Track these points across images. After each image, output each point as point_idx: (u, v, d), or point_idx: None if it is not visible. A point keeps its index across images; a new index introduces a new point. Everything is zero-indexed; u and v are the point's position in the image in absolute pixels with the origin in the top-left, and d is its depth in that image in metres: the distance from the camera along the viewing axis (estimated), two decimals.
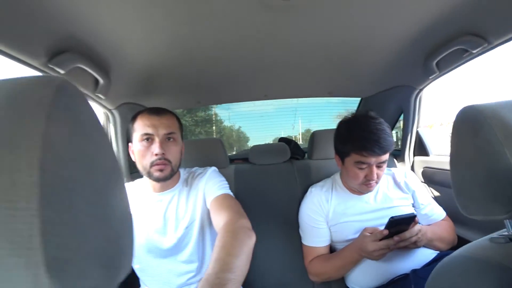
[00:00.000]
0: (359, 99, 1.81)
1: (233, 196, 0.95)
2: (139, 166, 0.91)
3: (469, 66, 1.03)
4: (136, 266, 0.97)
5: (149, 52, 0.93)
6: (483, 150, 0.44)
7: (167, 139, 0.90)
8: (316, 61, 1.12)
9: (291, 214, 1.25)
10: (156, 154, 0.86)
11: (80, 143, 0.25)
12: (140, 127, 0.88)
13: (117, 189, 0.28)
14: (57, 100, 0.23)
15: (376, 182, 1.01)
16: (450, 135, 0.53)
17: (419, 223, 1.05)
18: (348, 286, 1.08)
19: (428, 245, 0.97)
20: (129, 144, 0.95)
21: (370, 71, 1.26)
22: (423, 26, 0.87)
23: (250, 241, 0.71)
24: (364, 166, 0.97)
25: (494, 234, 0.48)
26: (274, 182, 1.37)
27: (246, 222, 0.78)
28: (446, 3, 0.75)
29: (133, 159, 0.93)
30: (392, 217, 0.84)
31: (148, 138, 0.88)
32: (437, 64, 1.04)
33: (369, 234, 0.91)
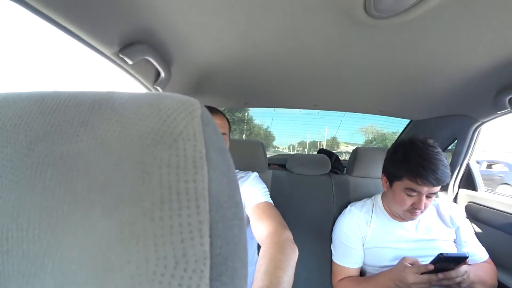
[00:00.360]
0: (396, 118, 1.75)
1: (273, 204, 0.95)
2: None
3: None
4: None
5: (213, 51, 0.95)
6: None
7: None
8: (376, 79, 1.10)
9: (324, 228, 1.24)
10: None
11: (234, 193, 0.21)
12: None
13: None
14: (208, 138, 0.19)
15: (422, 212, 0.98)
16: None
17: None
18: None
19: (470, 287, 0.93)
20: None
21: (430, 96, 1.21)
22: (501, 59, 0.83)
23: (295, 255, 0.71)
24: (414, 193, 0.94)
25: None
26: (310, 194, 1.37)
27: (289, 235, 0.78)
28: None
29: None
30: (441, 254, 0.81)
31: None
32: (510, 100, 0.98)
33: (409, 265, 0.89)
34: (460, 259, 0.83)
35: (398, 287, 0.92)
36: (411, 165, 0.93)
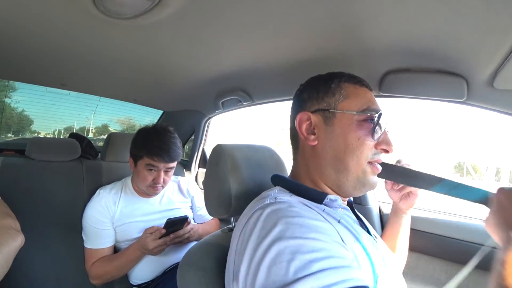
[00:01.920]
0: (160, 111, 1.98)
1: None
2: None
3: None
4: None
5: None
6: (220, 174, 0.67)
7: None
8: (127, 70, 1.18)
9: (74, 217, 1.18)
10: None
11: None
12: None
13: None
14: None
15: (162, 186, 1.17)
16: (208, 160, 0.74)
17: (195, 222, 1.32)
18: (131, 282, 1.16)
19: (199, 239, 1.23)
20: None
21: (176, 92, 1.45)
22: (215, 76, 1.15)
23: (12, 241, 0.68)
24: (153, 169, 1.11)
25: (225, 228, 0.73)
26: (56, 182, 1.25)
27: (11, 222, 0.73)
28: (230, 68, 1.04)
29: None
30: (168, 219, 1.04)
31: None
32: (222, 103, 1.39)
33: (150, 234, 1.04)
34: (183, 220, 1.10)
35: (144, 254, 1.07)
36: (150, 145, 1.10)
